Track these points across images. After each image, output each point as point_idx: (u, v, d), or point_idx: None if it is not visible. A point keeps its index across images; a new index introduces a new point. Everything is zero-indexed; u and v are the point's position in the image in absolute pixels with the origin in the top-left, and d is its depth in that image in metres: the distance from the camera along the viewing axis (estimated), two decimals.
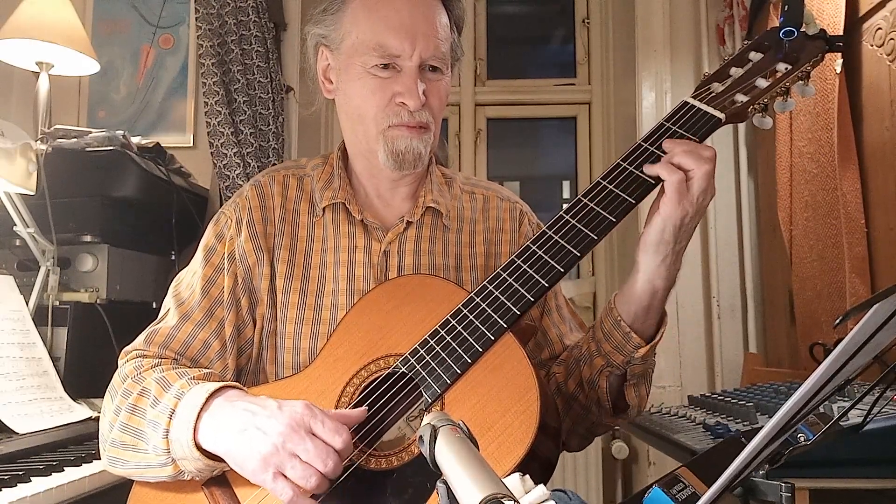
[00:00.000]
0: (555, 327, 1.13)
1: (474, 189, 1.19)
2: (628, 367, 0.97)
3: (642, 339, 0.95)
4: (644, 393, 1.02)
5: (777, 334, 2.23)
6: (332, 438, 0.84)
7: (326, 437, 0.84)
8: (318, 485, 0.83)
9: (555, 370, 1.08)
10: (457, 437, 0.53)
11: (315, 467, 0.82)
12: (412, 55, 1.01)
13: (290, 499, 0.83)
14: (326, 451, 0.83)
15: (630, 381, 0.99)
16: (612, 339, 0.96)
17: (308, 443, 0.83)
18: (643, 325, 0.95)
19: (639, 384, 1.00)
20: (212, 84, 2.26)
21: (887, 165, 1.57)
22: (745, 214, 2.41)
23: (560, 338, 1.13)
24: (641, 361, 0.96)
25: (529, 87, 3.06)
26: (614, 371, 0.98)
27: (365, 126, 1.06)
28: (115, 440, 0.96)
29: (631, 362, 0.96)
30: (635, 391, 1.00)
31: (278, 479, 0.83)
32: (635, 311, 0.94)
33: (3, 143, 1.52)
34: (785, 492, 0.68)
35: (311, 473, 0.82)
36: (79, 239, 1.78)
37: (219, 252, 1.08)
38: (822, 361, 0.55)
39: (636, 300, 0.94)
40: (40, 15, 1.95)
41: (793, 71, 0.96)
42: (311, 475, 0.82)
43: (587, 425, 1.07)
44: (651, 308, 0.94)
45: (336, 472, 0.83)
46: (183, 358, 1.03)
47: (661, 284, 0.93)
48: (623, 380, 0.99)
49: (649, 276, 0.92)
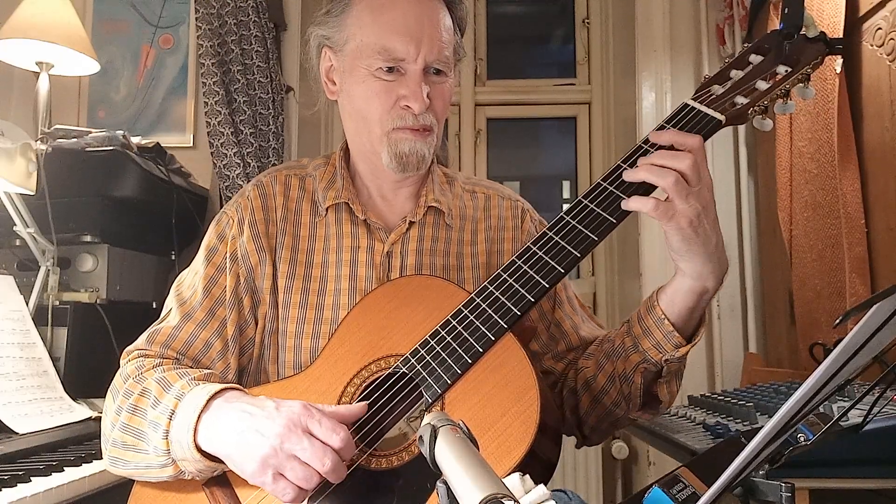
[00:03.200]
0: (568, 318, 1.14)
1: (475, 188, 1.19)
2: (666, 364, 0.97)
3: (683, 338, 0.94)
4: (675, 389, 1.02)
5: (777, 334, 2.23)
6: (329, 437, 0.84)
7: (324, 437, 0.84)
8: (318, 484, 0.83)
9: (583, 364, 1.07)
10: (457, 437, 0.53)
11: (314, 467, 0.82)
12: (417, 59, 1.01)
13: (291, 499, 0.83)
14: (324, 451, 0.83)
15: (664, 378, 0.99)
16: (653, 337, 0.96)
17: (306, 443, 0.83)
18: (686, 324, 0.95)
19: (671, 381, 1.00)
20: (212, 84, 2.26)
21: (887, 165, 1.57)
22: (745, 214, 2.41)
23: (575, 329, 1.13)
24: (679, 360, 0.96)
25: (529, 87, 3.06)
26: (651, 367, 0.98)
27: (369, 128, 1.06)
28: (117, 440, 0.96)
29: (670, 360, 0.96)
30: (668, 387, 1.00)
31: (279, 481, 0.84)
32: (679, 310, 0.94)
33: (3, 143, 1.52)
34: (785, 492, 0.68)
35: (310, 474, 0.82)
36: (79, 239, 1.78)
37: (221, 252, 1.08)
38: (822, 361, 0.55)
39: (682, 300, 0.94)
40: (40, 15, 1.95)
41: (793, 73, 0.96)
42: (312, 475, 0.82)
43: (612, 420, 1.06)
44: (696, 309, 0.94)
45: (336, 471, 0.83)
46: (185, 358, 1.03)
47: (711, 284, 0.92)
48: (658, 376, 0.99)
49: (698, 278, 0.92)
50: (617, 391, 1.02)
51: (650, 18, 2.56)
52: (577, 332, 1.13)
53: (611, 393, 1.03)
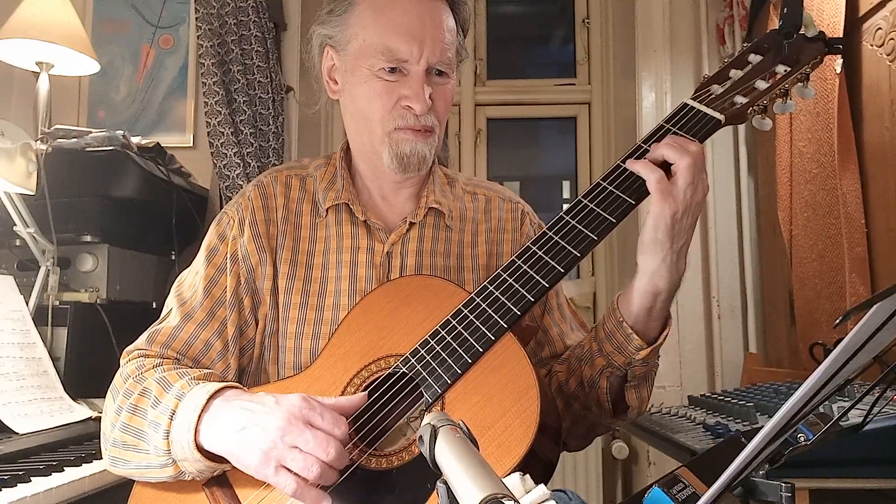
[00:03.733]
0: (556, 326, 1.13)
1: (476, 189, 1.19)
2: (629, 368, 0.96)
3: (644, 340, 0.94)
4: (645, 395, 1.01)
5: (777, 334, 2.23)
6: (331, 429, 0.84)
7: (326, 427, 0.84)
8: (321, 474, 0.83)
9: (557, 369, 1.08)
10: (457, 437, 0.53)
11: (316, 456, 0.82)
12: (419, 60, 1.01)
13: (295, 490, 0.83)
14: (327, 440, 0.83)
15: (631, 383, 0.99)
16: (614, 340, 0.96)
17: (307, 433, 0.83)
18: (646, 326, 0.95)
19: (640, 386, 1.00)
20: (212, 84, 2.26)
21: (887, 165, 1.57)
22: (745, 214, 2.41)
23: (561, 336, 1.13)
24: (643, 363, 0.96)
25: (529, 87, 3.06)
26: (615, 372, 0.97)
27: (370, 128, 1.06)
28: (117, 440, 0.96)
29: (632, 364, 0.96)
30: (636, 392, 1.00)
31: (280, 472, 0.84)
32: (637, 312, 0.94)
33: (3, 143, 1.52)
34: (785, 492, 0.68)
35: (312, 462, 0.82)
36: (79, 239, 1.78)
37: (221, 252, 1.08)
38: (822, 361, 0.55)
39: (638, 301, 0.93)
40: (40, 15, 1.95)
41: (792, 73, 0.96)
42: (314, 464, 0.82)
43: (587, 425, 1.07)
44: (653, 310, 0.94)
45: (339, 461, 0.83)
46: (185, 358, 1.03)
47: (663, 286, 0.92)
48: (624, 381, 0.99)
49: (650, 277, 0.92)
50: (586, 396, 1.01)
51: (650, 18, 2.56)
52: (563, 340, 1.13)
53: (580, 398, 1.02)
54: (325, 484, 0.84)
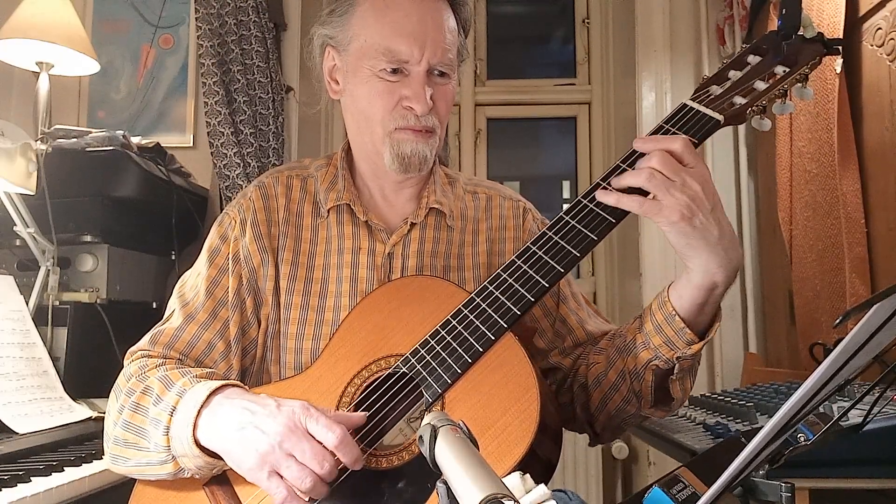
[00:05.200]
0: (573, 314, 1.13)
1: (477, 189, 1.19)
2: (678, 361, 0.95)
3: (695, 334, 0.93)
4: (688, 386, 1.00)
5: (777, 334, 2.23)
6: (325, 435, 0.84)
7: (321, 435, 0.84)
8: (313, 486, 0.83)
9: (593, 359, 1.05)
10: (457, 437, 0.53)
11: (311, 468, 0.82)
12: (420, 61, 1.01)
13: (284, 498, 0.83)
14: (323, 454, 0.83)
15: (677, 376, 0.97)
16: (664, 333, 0.94)
17: (305, 444, 0.83)
18: (697, 320, 0.93)
19: (684, 377, 0.98)
20: (212, 84, 2.26)
21: (887, 165, 1.57)
22: (745, 214, 2.41)
23: (581, 323, 1.12)
24: (691, 357, 0.94)
25: (529, 87, 3.06)
26: (662, 365, 0.96)
27: (371, 128, 1.06)
28: (118, 438, 0.96)
29: (681, 358, 0.94)
30: (680, 385, 0.98)
31: (273, 478, 0.84)
32: (689, 306, 0.92)
33: (3, 143, 1.52)
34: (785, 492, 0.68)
35: (306, 474, 0.82)
36: (79, 239, 1.78)
37: (223, 253, 1.08)
38: (822, 361, 0.55)
39: (691, 296, 0.91)
40: (40, 15, 1.94)
41: (791, 74, 0.96)
42: (307, 476, 0.82)
43: (624, 417, 1.04)
44: (707, 304, 0.92)
45: (331, 475, 0.84)
46: (187, 358, 1.04)
47: (720, 278, 0.90)
48: (668, 373, 0.97)
49: (705, 273, 0.90)
50: (628, 388, 1.00)
51: (650, 18, 2.56)
52: (584, 327, 1.12)
53: (621, 389, 1.01)
54: (314, 497, 0.84)
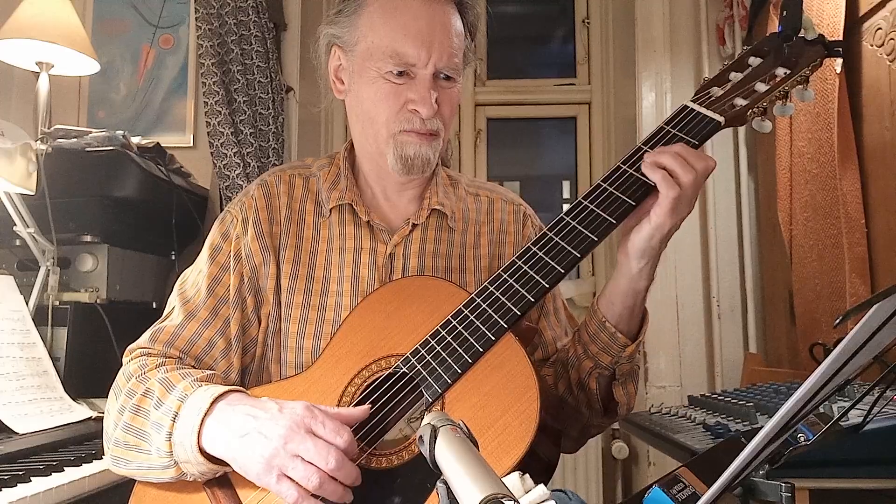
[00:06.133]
0: (551, 330, 1.14)
1: (479, 191, 1.19)
2: (616, 366, 0.99)
3: (628, 338, 0.97)
4: (632, 390, 1.04)
5: (777, 334, 2.23)
6: (333, 439, 0.84)
7: (328, 437, 0.84)
8: (321, 483, 0.83)
9: (545, 373, 1.09)
10: (457, 437, 0.53)
11: (317, 465, 0.83)
12: (427, 64, 1.01)
13: (296, 500, 0.83)
14: (328, 450, 0.83)
15: (619, 381, 1.01)
16: (599, 341, 0.98)
17: (309, 443, 0.83)
18: (628, 324, 0.98)
19: (626, 382, 1.02)
20: (212, 84, 2.26)
21: (887, 165, 1.57)
22: (745, 214, 2.41)
23: (555, 340, 1.14)
24: (629, 360, 0.99)
25: (529, 87, 3.05)
26: (603, 372, 1.00)
27: (375, 129, 1.06)
28: (119, 440, 0.96)
29: (619, 362, 0.98)
30: (623, 389, 1.02)
31: (282, 481, 0.84)
32: (619, 312, 0.97)
33: (3, 143, 1.52)
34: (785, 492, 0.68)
35: (312, 472, 0.83)
36: (79, 239, 1.78)
37: (224, 251, 1.08)
38: (822, 361, 0.55)
39: (621, 302, 0.97)
40: (40, 15, 1.94)
41: (791, 75, 0.97)
42: (314, 474, 0.82)
43: (579, 427, 1.08)
44: (635, 307, 0.97)
45: (340, 471, 0.83)
46: (187, 356, 1.03)
47: (644, 285, 0.96)
48: (612, 379, 1.01)
49: (634, 279, 0.95)
50: (576, 399, 1.04)
51: (650, 18, 2.56)
52: (556, 344, 1.14)
53: (569, 401, 1.05)
54: (327, 496, 0.84)
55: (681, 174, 0.89)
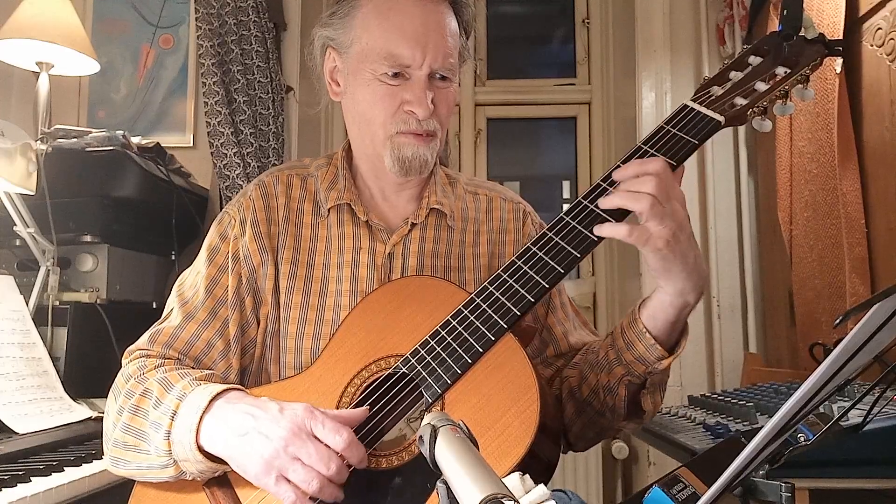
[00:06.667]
0: (559, 325, 1.13)
1: (477, 190, 1.19)
2: (649, 376, 0.97)
3: (665, 350, 0.94)
4: (659, 399, 1.02)
5: (777, 334, 2.23)
6: (332, 439, 0.84)
7: (327, 439, 0.84)
8: (321, 488, 0.83)
9: (568, 374, 1.08)
10: (457, 437, 0.53)
11: (317, 470, 0.83)
12: (422, 65, 1.01)
13: (293, 502, 0.83)
14: (329, 455, 0.83)
15: (648, 390, 0.99)
16: (635, 350, 0.95)
17: (310, 447, 0.83)
18: (668, 337, 0.95)
19: (655, 391, 1.00)
20: (212, 84, 2.26)
21: (887, 165, 1.57)
22: (745, 214, 2.41)
23: (565, 335, 1.13)
24: (662, 372, 0.96)
25: (529, 87, 3.06)
26: (634, 380, 0.98)
27: (372, 131, 1.06)
28: (118, 440, 0.96)
29: (653, 373, 0.96)
30: (651, 398, 1.00)
31: (281, 483, 0.84)
32: (661, 324, 0.94)
33: (3, 143, 1.52)
34: (785, 492, 0.68)
35: (313, 477, 0.83)
36: (79, 239, 1.78)
37: (223, 252, 1.08)
38: (822, 361, 0.55)
39: (663, 315, 0.93)
40: (40, 15, 1.94)
41: (791, 75, 0.96)
42: (314, 478, 0.82)
43: (597, 429, 1.07)
44: (678, 322, 0.94)
45: (340, 476, 0.84)
46: (186, 358, 1.03)
47: (692, 298, 0.92)
48: (640, 387, 0.99)
49: (678, 295, 0.91)
50: (601, 402, 1.02)
51: (650, 18, 2.56)
52: (567, 339, 1.13)
53: (594, 404, 1.03)
54: (324, 499, 0.84)
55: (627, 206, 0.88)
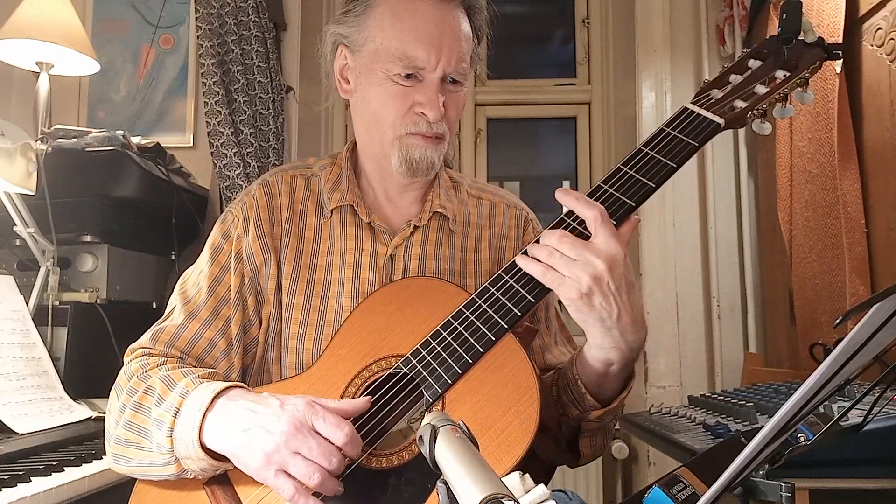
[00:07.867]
0: (539, 338, 1.13)
1: (481, 194, 1.19)
2: (582, 422, 0.97)
3: (598, 401, 0.94)
4: (600, 444, 1.01)
5: (777, 334, 2.23)
6: (334, 433, 0.84)
7: (329, 433, 0.84)
8: (322, 482, 0.83)
9: None
10: (457, 437, 0.53)
11: (319, 464, 0.83)
12: (436, 68, 1.01)
13: (292, 495, 0.84)
14: (330, 450, 0.84)
15: (585, 433, 0.99)
16: (570, 394, 0.96)
17: (311, 441, 0.84)
18: (600, 389, 0.94)
19: (595, 436, 1.00)
20: (212, 84, 2.26)
21: (887, 165, 1.57)
22: (745, 214, 2.41)
23: (543, 349, 1.13)
24: (598, 421, 0.96)
25: (529, 87, 3.05)
26: (569, 422, 0.97)
27: (381, 130, 1.06)
28: (120, 437, 0.96)
29: (586, 420, 0.96)
30: (591, 441, 1.00)
31: (280, 476, 0.84)
32: (589, 375, 0.94)
33: (3, 143, 1.52)
34: (785, 492, 0.68)
35: (314, 470, 0.83)
36: (79, 239, 1.78)
37: (226, 251, 1.08)
38: (822, 361, 0.55)
39: (591, 367, 0.93)
40: (40, 15, 1.94)
41: (791, 78, 0.97)
42: (315, 472, 0.83)
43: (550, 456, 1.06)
44: (608, 377, 0.93)
45: (340, 468, 0.84)
46: (188, 356, 1.04)
47: (615, 357, 0.90)
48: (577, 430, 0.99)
49: (599, 350, 0.90)
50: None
51: (650, 18, 2.56)
52: (544, 353, 1.12)
53: None
54: (324, 493, 0.85)
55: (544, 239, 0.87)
